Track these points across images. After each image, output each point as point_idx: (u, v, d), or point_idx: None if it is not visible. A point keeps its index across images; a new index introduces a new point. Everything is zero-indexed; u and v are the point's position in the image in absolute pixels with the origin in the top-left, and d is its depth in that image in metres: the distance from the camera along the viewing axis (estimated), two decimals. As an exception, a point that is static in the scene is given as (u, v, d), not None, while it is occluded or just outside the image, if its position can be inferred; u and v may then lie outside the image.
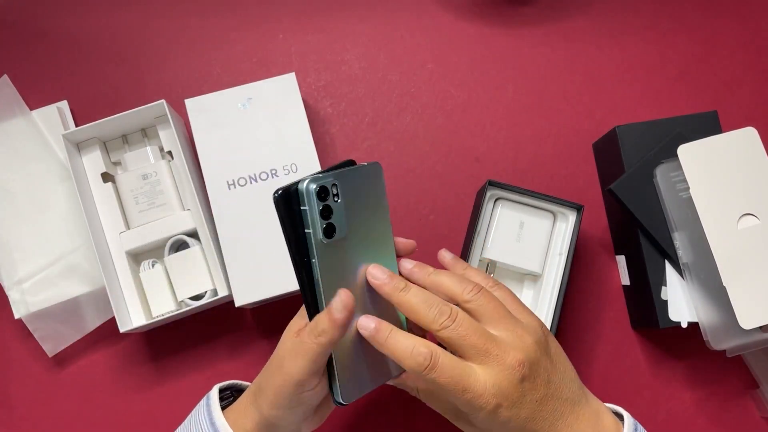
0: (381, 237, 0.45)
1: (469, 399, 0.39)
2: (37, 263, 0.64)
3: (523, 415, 0.40)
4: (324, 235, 0.40)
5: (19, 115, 0.67)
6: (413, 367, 0.40)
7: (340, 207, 0.41)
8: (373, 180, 0.44)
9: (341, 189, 0.41)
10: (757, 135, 0.57)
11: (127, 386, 0.65)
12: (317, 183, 0.40)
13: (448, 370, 0.39)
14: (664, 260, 0.59)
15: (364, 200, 0.43)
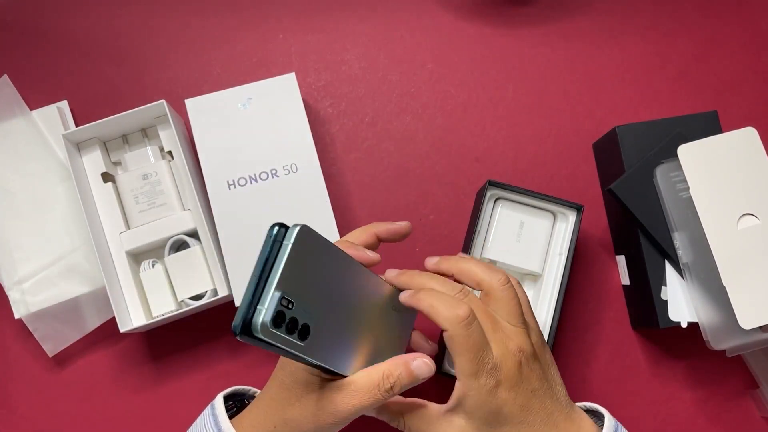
0: (356, 279, 0.42)
1: (476, 370, 0.40)
2: (37, 263, 0.64)
3: (519, 402, 0.41)
4: (300, 340, 0.37)
5: (19, 115, 0.67)
6: (451, 318, 0.40)
7: (300, 307, 0.37)
8: (312, 244, 0.38)
9: (289, 290, 0.36)
10: (757, 135, 0.57)
11: (128, 386, 0.65)
12: (267, 315, 0.35)
13: (477, 334, 0.41)
14: (664, 260, 0.59)
15: (318, 272, 0.39)
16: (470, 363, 0.41)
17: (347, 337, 0.41)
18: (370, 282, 0.43)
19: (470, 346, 0.40)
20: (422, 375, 0.41)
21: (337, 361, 0.40)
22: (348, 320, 0.41)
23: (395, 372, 0.40)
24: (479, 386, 0.41)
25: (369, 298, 0.43)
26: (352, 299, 0.41)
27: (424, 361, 0.41)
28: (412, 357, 0.41)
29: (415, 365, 0.41)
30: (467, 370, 0.41)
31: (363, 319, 0.42)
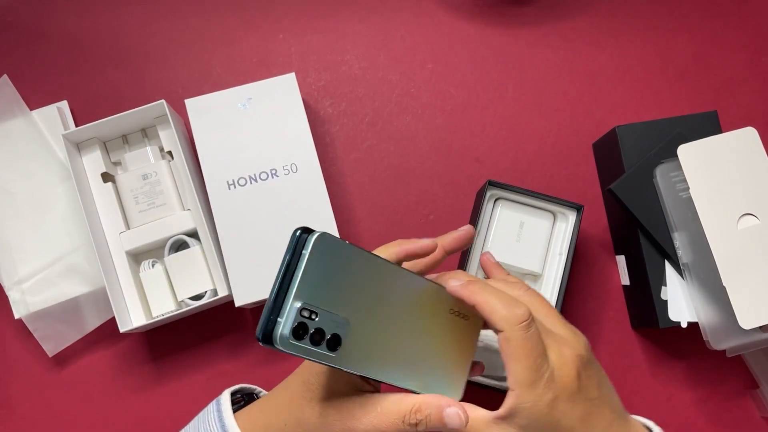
0: (397, 283, 0.39)
1: (533, 379, 0.37)
2: (37, 263, 0.64)
3: (577, 414, 0.38)
4: (330, 350, 0.36)
5: (19, 115, 0.67)
6: (510, 318, 0.37)
7: (327, 317, 0.35)
8: (335, 252, 0.36)
9: (310, 300, 0.35)
10: (757, 135, 0.57)
11: (127, 386, 0.65)
12: (286, 328, 0.34)
13: (536, 338, 0.37)
14: (664, 260, 0.59)
15: (347, 280, 0.37)
16: (527, 371, 0.37)
17: (389, 345, 0.38)
18: (416, 285, 0.40)
19: (529, 351, 0.37)
20: (452, 424, 0.38)
21: (377, 370, 0.38)
22: (390, 327, 0.38)
23: (425, 411, 0.38)
24: (536, 398, 0.37)
25: (416, 302, 0.40)
26: (393, 305, 0.39)
27: (458, 413, 0.38)
28: (447, 403, 0.38)
29: (447, 413, 0.38)
30: (524, 380, 0.37)
31: (410, 325, 0.39)
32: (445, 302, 0.41)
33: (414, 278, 0.40)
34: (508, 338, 0.37)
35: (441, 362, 0.41)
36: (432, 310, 0.40)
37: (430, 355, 0.40)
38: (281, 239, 0.61)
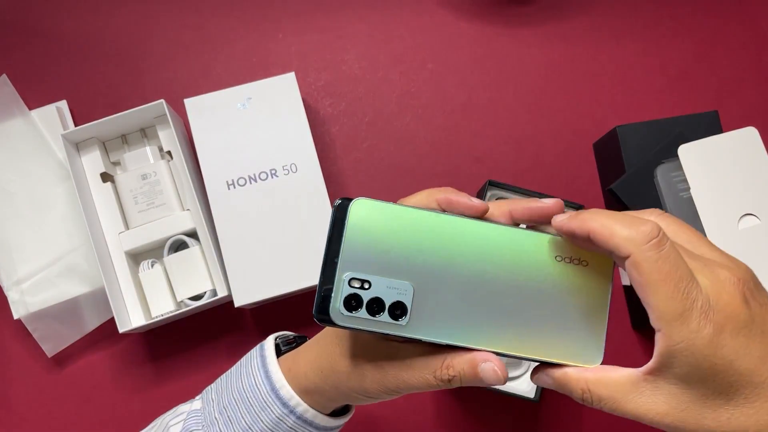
0: (464, 236, 0.35)
1: (682, 309, 0.28)
2: (37, 263, 0.64)
3: (755, 352, 0.28)
4: (394, 319, 0.33)
5: (18, 115, 0.67)
6: (635, 237, 0.29)
7: (380, 284, 0.33)
8: (379, 215, 0.34)
9: (359, 270, 0.33)
10: (758, 135, 0.57)
11: (127, 386, 0.65)
12: (337, 301, 0.33)
13: (674, 257, 0.29)
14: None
15: (400, 244, 0.34)
16: (671, 300, 0.28)
17: (476, 306, 0.34)
18: (497, 234, 0.35)
19: (666, 273, 0.28)
20: (488, 380, 0.34)
21: (462, 335, 0.34)
22: (472, 286, 0.34)
23: (458, 366, 0.34)
24: (691, 333, 0.28)
25: (502, 254, 0.34)
26: (471, 261, 0.34)
27: (494, 368, 0.33)
28: (483, 358, 0.33)
29: (482, 368, 0.33)
30: (670, 312, 0.29)
31: (500, 281, 0.34)
32: (545, 248, 0.34)
33: (493, 227, 0.34)
34: (637, 263, 0.29)
35: (557, 320, 0.34)
36: (528, 259, 0.34)
37: (538, 313, 0.34)
38: (281, 239, 0.61)
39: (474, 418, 0.64)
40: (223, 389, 0.42)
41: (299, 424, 0.40)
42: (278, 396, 0.40)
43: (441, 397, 0.65)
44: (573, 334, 0.34)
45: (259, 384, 0.40)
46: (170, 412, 0.45)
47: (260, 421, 0.40)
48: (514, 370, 0.59)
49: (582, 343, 0.34)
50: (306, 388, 0.39)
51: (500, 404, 0.64)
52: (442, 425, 0.64)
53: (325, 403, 0.40)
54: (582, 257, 0.34)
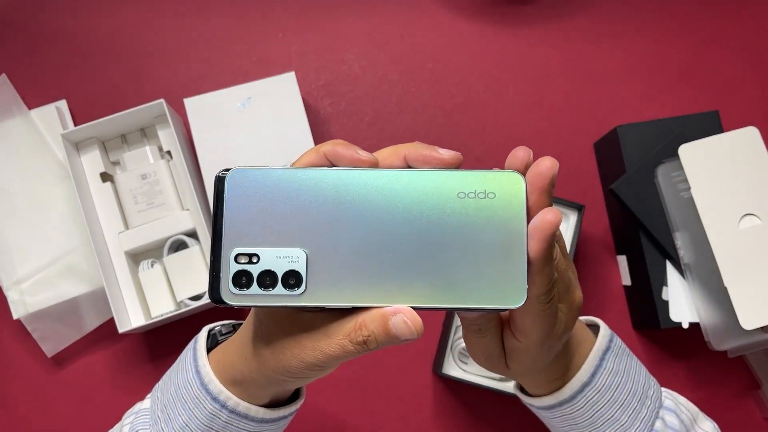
0: (356, 191, 0.32)
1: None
2: (36, 263, 0.64)
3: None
4: (290, 290, 0.31)
5: (18, 115, 0.67)
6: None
7: (269, 256, 0.31)
8: (255, 184, 0.32)
9: (245, 244, 0.31)
10: (759, 135, 0.57)
11: (126, 387, 0.65)
12: (226, 280, 0.31)
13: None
14: (666, 260, 0.59)
15: (286, 210, 0.31)
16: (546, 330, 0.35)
17: (379, 261, 0.31)
18: (391, 181, 0.32)
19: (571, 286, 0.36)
20: (401, 334, 0.31)
21: (363, 294, 0.31)
22: (371, 240, 0.31)
23: (370, 325, 0.31)
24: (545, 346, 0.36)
25: (399, 201, 0.31)
26: (366, 216, 0.31)
27: (404, 320, 0.31)
28: (392, 312, 0.31)
29: (393, 322, 0.31)
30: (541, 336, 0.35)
31: (400, 230, 0.31)
32: (445, 186, 0.32)
33: (383, 173, 0.32)
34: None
35: (469, 261, 0.31)
36: (427, 201, 0.31)
37: (447, 258, 0.31)
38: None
39: (474, 418, 0.64)
40: (165, 386, 0.41)
41: (234, 419, 0.38)
42: (208, 391, 0.38)
43: (441, 396, 0.65)
44: (491, 274, 0.31)
45: (191, 379, 0.39)
46: (128, 412, 0.43)
47: (195, 418, 0.38)
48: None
49: (502, 283, 0.31)
50: (234, 379, 0.38)
51: (500, 404, 0.64)
52: (442, 425, 0.64)
53: (257, 393, 0.38)
54: (488, 189, 0.31)
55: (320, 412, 0.64)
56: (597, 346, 0.39)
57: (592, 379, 0.39)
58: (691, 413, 0.44)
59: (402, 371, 0.65)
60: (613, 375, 0.40)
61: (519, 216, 0.31)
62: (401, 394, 0.64)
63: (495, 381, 0.59)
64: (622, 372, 0.40)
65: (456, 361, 0.60)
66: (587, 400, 0.39)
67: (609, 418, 0.40)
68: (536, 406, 0.42)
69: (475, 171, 0.31)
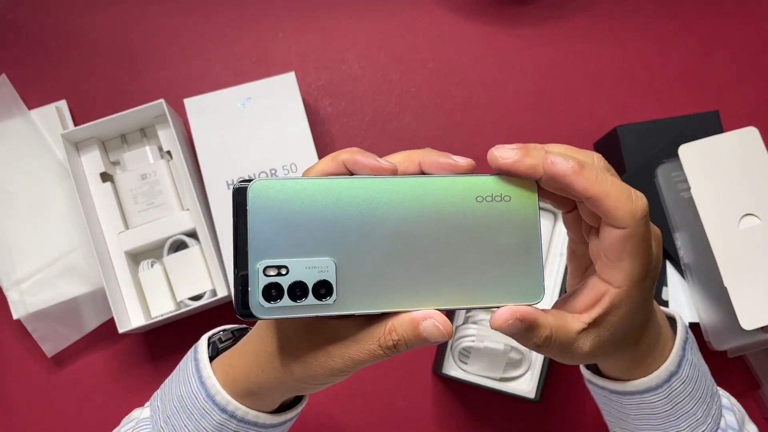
0: (380, 198, 0.32)
1: (644, 275, 0.33)
2: (36, 263, 0.64)
3: (649, 301, 0.35)
4: (321, 300, 0.31)
5: (18, 115, 0.67)
6: (635, 211, 0.31)
7: (298, 267, 0.31)
8: (278, 195, 0.32)
9: (272, 256, 0.31)
10: (759, 135, 0.57)
11: (126, 387, 0.65)
12: (256, 294, 0.31)
13: (650, 230, 0.33)
14: (665, 260, 0.59)
15: (310, 220, 0.32)
16: (643, 265, 0.32)
17: (404, 267, 0.32)
18: (410, 188, 0.32)
19: (647, 245, 0.32)
20: (432, 337, 0.32)
21: (397, 300, 0.32)
22: (395, 247, 0.32)
23: (400, 329, 0.32)
24: (641, 292, 0.33)
25: (421, 208, 0.32)
26: (389, 222, 0.32)
27: (435, 324, 0.32)
28: (422, 316, 0.32)
29: (423, 326, 0.32)
30: (639, 274, 0.32)
31: (422, 236, 0.32)
32: (463, 191, 0.33)
33: (404, 181, 0.32)
34: (632, 235, 0.31)
35: (490, 262, 0.33)
36: (447, 206, 0.33)
37: (469, 260, 0.33)
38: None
39: (474, 418, 0.64)
40: (166, 396, 0.41)
41: (243, 427, 0.39)
42: (215, 402, 0.38)
43: (441, 396, 0.65)
44: (510, 273, 0.33)
45: (195, 391, 0.39)
46: (125, 419, 0.43)
47: (203, 429, 0.38)
48: (513, 370, 0.59)
49: (521, 281, 0.33)
50: (249, 390, 0.38)
51: (500, 404, 0.64)
52: (442, 425, 0.64)
53: (271, 400, 0.39)
54: (504, 192, 0.33)
55: (321, 412, 0.64)
56: (680, 336, 0.39)
57: (678, 369, 0.38)
58: (741, 414, 0.44)
59: (402, 371, 0.65)
60: (693, 367, 0.39)
61: (533, 217, 0.33)
62: (401, 394, 0.64)
63: (495, 381, 0.59)
64: (698, 365, 0.40)
65: (456, 361, 0.60)
66: (671, 390, 0.38)
67: (686, 411, 0.39)
68: (614, 390, 0.40)
69: (491, 175, 0.32)
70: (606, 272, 0.33)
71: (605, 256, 0.33)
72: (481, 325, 0.59)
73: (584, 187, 0.31)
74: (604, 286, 0.33)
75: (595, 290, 0.33)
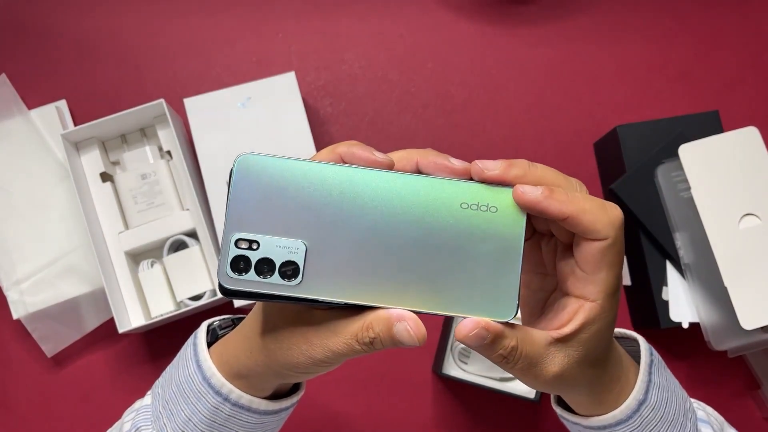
0: (366, 189, 0.32)
1: (617, 287, 0.33)
2: (36, 263, 0.64)
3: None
4: (286, 279, 0.31)
5: (18, 115, 0.67)
6: (614, 221, 0.32)
7: (269, 244, 0.31)
8: (262, 172, 0.31)
9: (247, 229, 0.31)
10: (759, 135, 0.57)
11: (126, 387, 0.65)
12: (223, 264, 0.31)
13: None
14: (665, 260, 0.59)
15: (293, 200, 0.31)
16: (617, 277, 0.32)
17: (375, 260, 0.32)
18: (395, 184, 0.32)
19: (622, 256, 0.32)
20: (404, 341, 0.32)
21: (361, 292, 0.32)
22: (370, 240, 0.32)
23: (376, 327, 0.32)
24: (612, 306, 0.33)
25: (402, 205, 0.32)
26: (368, 214, 0.32)
27: (407, 328, 0.31)
28: (397, 317, 0.32)
29: (396, 328, 0.31)
30: (614, 286, 0.32)
31: (399, 234, 0.32)
32: (449, 195, 0.32)
33: (391, 175, 0.32)
34: (612, 244, 0.32)
35: (465, 271, 0.32)
36: (430, 207, 0.32)
37: (444, 265, 0.32)
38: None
39: (474, 418, 0.64)
40: (167, 383, 0.41)
41: (236, 411, 0.39)
42: (210, 385, 0.38)
43: (441, 396, 0.65)
44: (483, 286, 0.32)
45: (192, 374, 0.39)
46: (128, 410, 0.43)
47: (198, 412, 0.38)
48: (514, 370, 0.59)
49: (494, 295, 0.32)
50: (239, 372, 0.38)
51: (500, 404, 0.64)
52: (442, 425, 0.64)
53: (261, 385, 0.39)
54: (491, 203, 0.32)
55: (321, 411, 0.64)
56: (644, 360, 0.38)
57: (646, 396, 0.38)
58: (719, 423, 0.43)
59: (402, 371, 0.65)
60: (662, 390, 0.39)
61: (517, 233, 0.32)
62: (401, 394, 0.64)
63: (495, 381, 0.59)
64: (666, 386, 0.39)
65: (456, 361, 0.60)
66: (642, 419, 0.38)
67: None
68: (587, 426, 0.40)
69: (481, 184, 0.32)
70: (579, 287, 0.33)
71: (582, 270, 0.33)
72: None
73: (558, 209, 0.31)
74: (576, 302, 0.33)
75: (566, 309, 0.33)
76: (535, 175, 0.32)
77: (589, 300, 0.33)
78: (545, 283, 0.36)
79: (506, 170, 0.32)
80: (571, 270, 0.33)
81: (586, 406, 0.39)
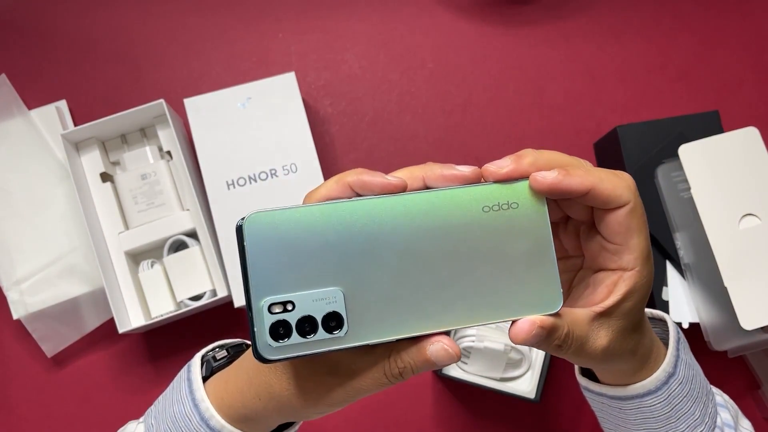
0: (384, 220, 0.31)
1: (649, 251, 0.33)
2: (36, 263, 0.64)
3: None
4: (331, 333, 0.30)
5: (18, 115, 0.67)
6: (632, 186, 0.32)
7: (304, 301, 0.29)
8: (274, 227, 0.30)
9: (273, 291, 0.29)
10: (759, 135, 0.57)
11: (126, 387, 0.65)
12: (264, 334, 0.29)
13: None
14: (665, 260, 0.59)
15: (303, 249, 0.30)
16: (647, 239, 0.32)
17: (417, 289, 0.30)
18: (412, 205, 0.31)
19: (646, 219, 0.32)
20: (442, 361, 0.31)
21: (412, 324, 0.30)
22: (405, 269, 0.30)
23: (406, 357, 0.31)
24: (650, 270, 0.33)
25: (426, 224, 0.31)
26: (394, 243, 0.30)
27: (443, 347, 0.31)
28: (430, 341, 0.31)
29: (431, 351, 0.31)
30: (646, 250, 0.32)
31: (432, 254, 0.31)
32: (469, 203, 0.32)
33: (408, 199, 0.31)
34: (634, 207, 0.32)
35: (504, 273, 0.31)
36: (454, 220, 0.31)
37: (482, 274, 0.31)
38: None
39: (474, 418, 0.64)
40: (160, 414, 0.40)
41: None
42: (209, 426, 0.37)
43: (441, 397, 0.65)
44: (525, 283, 0.31)
45: (189, 413, 0.38)
46: (121, 429, 0.42)
47: None
48: (513, 370, 0.59)
49: (537, 290, 0.31)
50: (245, 416, 0.37)
51: (500, 404, 0.64)
52: (442, 425, 0.64)
53: (267, 425, 0.38)
54: (511, 199, 0.32)
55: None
56: (672, 336, 0.39)
57: (675, 370, 0.38)
58: (735, 410, 0.44)
59: (402, 371, 0.65)
60: (688, 367, 0.39)
61: (543, 222, 0.31)
62: (401, 394, 0.64)
63: (495, 381, 0.59)
64: (692, 365, 0.40)
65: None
66: (670, 392, 0.38)
67: (685, 412, 0.39)
68: (613, 396, 0.40)
69: (494, 184, 0.32)
70: (615, 260, 0.32)
71: (612, 242, 0.32)
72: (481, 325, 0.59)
73: (580, 183, 0.31)
74: (614, 275, 0.33)
75: (604, 283, 0.33)
76: (545, 160, 0.32)
77: (627, 270, 0.32)
78: (568, 264, 0.36)
79: (519, 162, 0.31)
80: (600, 247, 0.33)
81: (629, 374, 0.38)
